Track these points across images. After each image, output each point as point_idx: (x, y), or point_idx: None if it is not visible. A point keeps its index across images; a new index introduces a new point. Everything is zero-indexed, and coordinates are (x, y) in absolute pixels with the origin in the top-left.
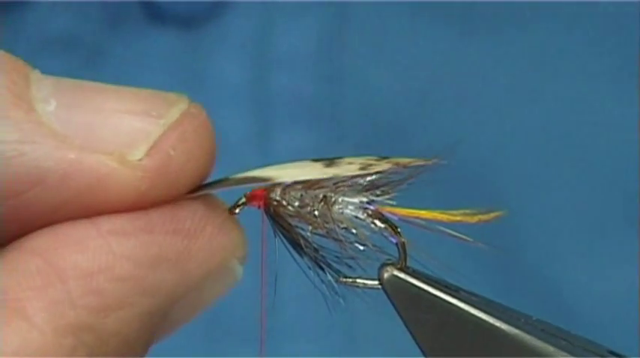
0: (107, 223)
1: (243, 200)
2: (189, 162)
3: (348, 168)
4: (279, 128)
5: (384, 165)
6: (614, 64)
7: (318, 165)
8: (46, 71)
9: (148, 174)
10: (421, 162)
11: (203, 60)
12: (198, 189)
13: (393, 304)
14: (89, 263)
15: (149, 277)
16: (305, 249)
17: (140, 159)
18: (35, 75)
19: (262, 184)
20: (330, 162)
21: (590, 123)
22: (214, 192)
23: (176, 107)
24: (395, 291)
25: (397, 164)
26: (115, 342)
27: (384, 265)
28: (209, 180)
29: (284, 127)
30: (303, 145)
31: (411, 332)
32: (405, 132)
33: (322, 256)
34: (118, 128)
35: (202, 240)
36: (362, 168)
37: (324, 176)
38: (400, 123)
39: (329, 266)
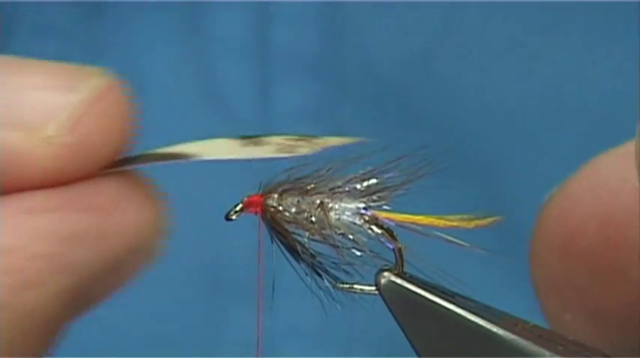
0: (24, 200)
1: (240, 206)
2: (103, 137)
3: (264, 149)
4: (279, 83)
5: (301, 146)
6: (624, 27)
7: (236, 143)
8: (49, 23)
9: (60, 149)
10: (347, 142)
11: (204, 13)
12: (115, 165)
13: (390, 310)
14: (6, 240)
15: (67, 254)
16: (302, 255)
17: (52, 135)
18: None
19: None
20: (248, 140)
21: (597, 90)
22: (132, 167)
23: (90, 81)
24: (392, 297)
25: (316, 144)
26: (33, 320)
27: (380, 271)
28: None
29: (284, 82)
30: (302, 101)
31: (408, 338)
32: (406, 89)
33: (319, 262)
34: (30, 104)
35: (118, 216)
36: (279, 150)
37: (244, 156)
38: (401, 81)
39: (326, 272)
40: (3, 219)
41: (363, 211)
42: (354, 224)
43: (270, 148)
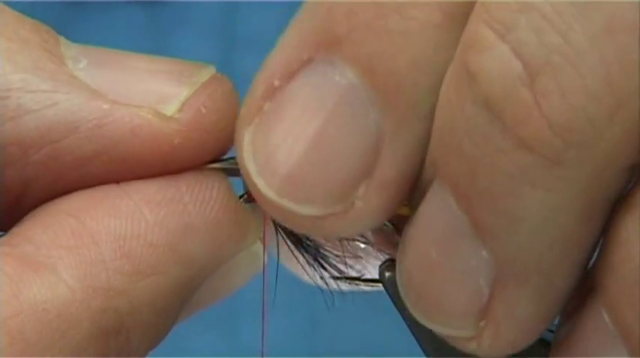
0: (137, 191)
1: (245, 196)
2: (219, 122)
3: None
4: None
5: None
6: None
7: None
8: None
9: (181, 127)
10: None
11: (167, 40)
12: (221, 160)
13: (395, 303)
14: (122, 227)
15: (181, 246)
16: (306, 246)
17: (173, 114)
18: (63, 39)
19: None
20: None
21: None
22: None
23: (205, 70)
24: (396, 290)
25: None
26: (145, 310)
27: (385, 263)
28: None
29: None
30: None
31: (412, 332)
32: None
33: (323, 254)
34: (150, 85)
35: (231, 210)
36: None
37: None
38: None
39: (330, 264)
40: (119, 207)
41: None
42: None
43: None
